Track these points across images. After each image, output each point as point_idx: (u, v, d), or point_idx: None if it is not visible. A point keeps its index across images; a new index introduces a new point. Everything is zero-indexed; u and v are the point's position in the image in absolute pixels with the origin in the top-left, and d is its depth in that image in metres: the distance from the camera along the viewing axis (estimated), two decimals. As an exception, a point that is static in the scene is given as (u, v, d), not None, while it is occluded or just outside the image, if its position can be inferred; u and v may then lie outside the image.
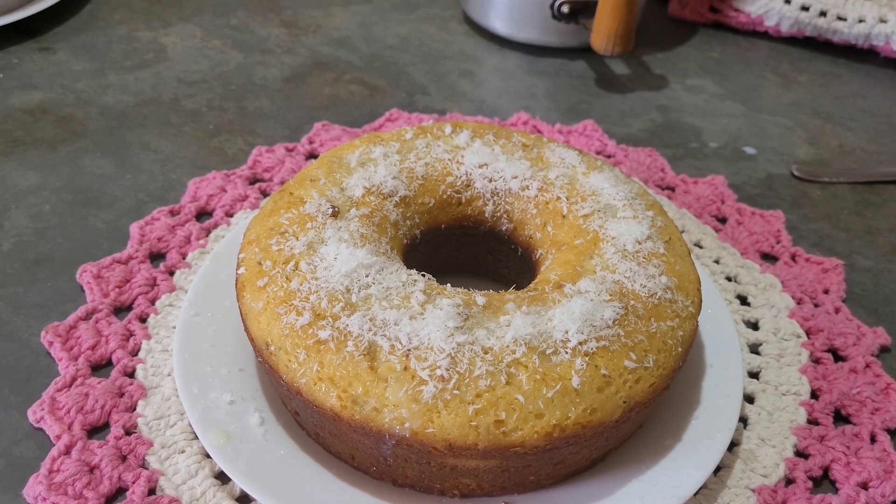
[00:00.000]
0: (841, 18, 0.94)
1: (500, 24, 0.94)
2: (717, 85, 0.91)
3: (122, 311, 0.58)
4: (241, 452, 0.46)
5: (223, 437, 0.47)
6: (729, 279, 0.64)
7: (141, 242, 0.63)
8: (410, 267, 0.50)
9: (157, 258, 0.63)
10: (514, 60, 0.93)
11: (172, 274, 0.61)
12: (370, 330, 0.44)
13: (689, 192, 0.73)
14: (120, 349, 0.55)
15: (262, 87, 0.85)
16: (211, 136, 0.77)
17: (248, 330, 0.48)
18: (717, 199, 0.72)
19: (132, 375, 0.54)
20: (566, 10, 0.88)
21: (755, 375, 0.57)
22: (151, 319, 0.57)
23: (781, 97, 0.89)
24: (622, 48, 0.84)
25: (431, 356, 0.42)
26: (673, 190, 0.74)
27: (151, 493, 0.47)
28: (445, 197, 0.55)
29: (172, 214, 0.66)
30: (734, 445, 0.52)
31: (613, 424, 0.44)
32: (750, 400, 0.55)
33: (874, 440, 0.53)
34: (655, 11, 1.04)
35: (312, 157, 0.75)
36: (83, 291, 0.59)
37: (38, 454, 0.49)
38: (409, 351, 0.43)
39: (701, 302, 0.50)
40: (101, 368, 0.54)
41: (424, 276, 0.48)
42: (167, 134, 0.77)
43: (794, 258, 0.67)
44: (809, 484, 0.50)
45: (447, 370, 0.42)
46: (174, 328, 0.56)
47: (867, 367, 0.57)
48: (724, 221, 0.71)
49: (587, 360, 0.43)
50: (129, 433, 0.50)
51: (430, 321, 0.44)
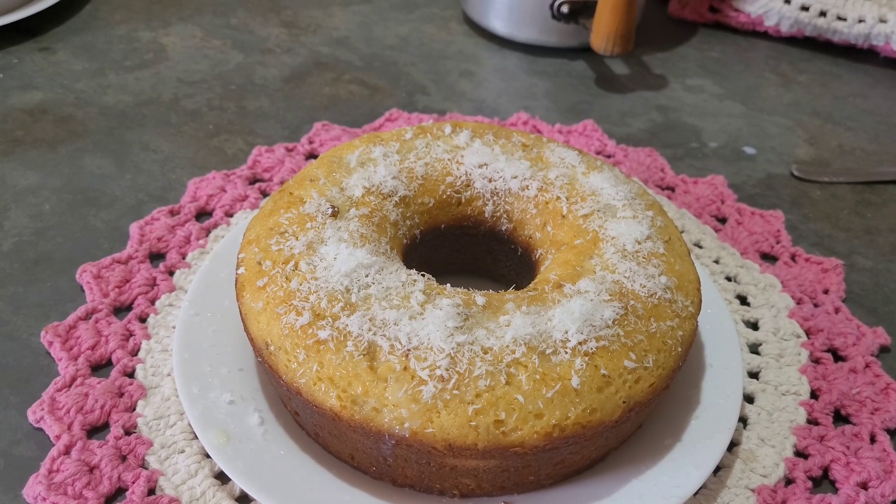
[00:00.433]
0: (841, 18, 0.94)
1: (499, 24, 0.94)
2: (716, 85, 0.91)
3: (121, 310, 0.58)
4: (240, 452, 0.46)
5: (223, 437, 0.47)
6: (729, 279, 0.64)
7: (141, 242, 0.63)
8: (410, 267, 0.50)
9: (156, 258, 0.63)
10: (513, 60, 0.93)
11: (172, 274, 0.61)
12: (370, 330, 0.44)
13: (688, 192, 0.73)
14: (120, 349, 0.55)
15: (261, 87, 0.85)
16: (211, 136, 0.77)
17: (247, 330, 0.48)
18: (716, 199, 0.72)
19: (132, 375, 0.54)
20: (566, 10, 0.88)
21: (755, 375, 0.57)
22: (151, 319, 0.57)
23: (781, 97, 0.89)
24: (622, 48, 0.84)
25: (431, 356, 0.42)
26: (673, 190, 0.74)
27: (151, 493, 0.47)
28: (445, 197, 0.55)
29: (172, 214, 0.66)
30: (734, 445, 0.52)
31: (613, 424, 0.44)
32: (750, 400, 0.55)
33: (874, 440, 0.53)
34: (655, 11, 1.04)
35: (312, 157, 0.75)
36: (83, 291, 0.59)
37: (37, 454, 0.49)
38: (408, 351, 0.43)
39: (701, 302, 0.50)
40: (100, 368, 0.54)
41: (424, 276, 0.48)
42: (167, 134, 0.77)
43: (793, 258, 0.67)
44: (809, 484, 0.50)
45: (447, 370, 0.42)
46: (174, 328, 0.56)
47: (867, 367, 0.57)
48: (723, 221, 0.71)
49: (587, 360, 0.43)
50: (128, 433, 0.50)
51: (429, 321, 0.44)
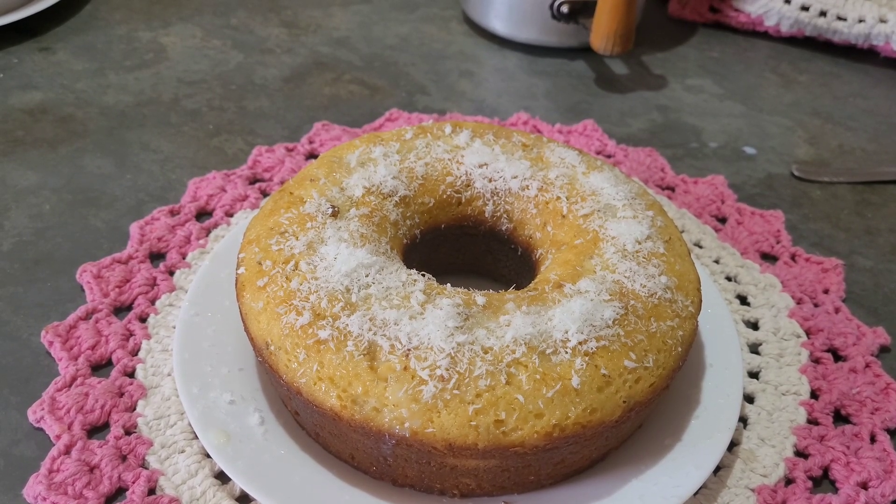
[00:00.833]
0: (841, 18, 0.94)
1: (499, 24, 0.94)
2: (716, 85, 0.91)
3: (122, 310, 0.58)
4: (240, 452, 0.46)
5: (223, 436, 0.47)
6: (729, 279, 0.64)
7: (141, 242, 0.63)
8: (410, 267, 0.50)
9: (157, 258, 0.63)
10: (513, 60, 0.93)
11: (172, 274, 0.61)
12: (370, 330, 0.44)
13: (688, 191, 0.73)
14: (120, 349, 0.55)
15: (261, 86, 0.85)
16: (211, 135, 0.77)
17: (247, 330, 0.48)
18: (716, 198, 0.72)
19: (132, 375, 0.54)
20: (566, 10, 0.88)
21: (755, 375, 0.57)
22: (151, 319, 0.57)
23: (781, 97, 0.89)
24: (622, 48, 0.84)
25: (431, 356, 0.42)
26: (673, 190, 0.74)
27: (151, 492, 0.47)
28: (445, 197, 0.55)
29: (172, 214, 0.66)
30: (734, 445, 0.52)
31: (613, 424, 0.44)
32: (750, 400, 0.55)
33: (874, 440, 0.53)
34: (655, 11, 1.04)
35: (312, 156, 0.75)
36: (83, 291, 0.59)
37: (37, 454, 0.49)
38: (408, 351, 0.43)
39: (701, 302, 0.50)
40: (100, 368, 0.54)
41: (424, 275, 0.48)
42: (167, 134, 0.77)
43: (793, 258, 0.67)
44: (809, 484, 0.50)
45: (447, 370, 0.42)
46: (174, 328, 0.56)
47: (867, 366, 0.57)
48: (723, 221, 0.71)
49: (587, 359, 0.43)
50: (128, 433, 0.50)
51: (429, 321, 0.44)
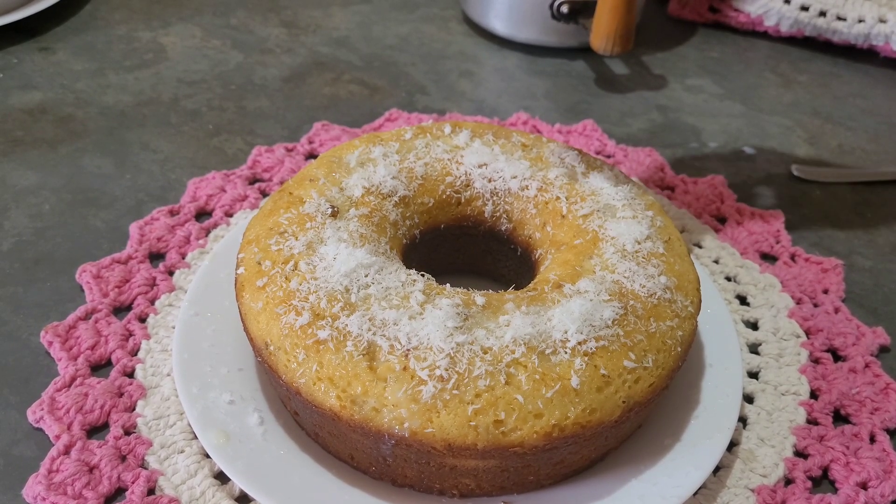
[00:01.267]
0: (840, 18, 0.94)
1: (499, 24, 0.94)
2: (716, 85, 0.91)
3: (121, 310, 0.58)
4: (240, 452, 0.46)
5: (222, 436, 0.47)
6: (728, 279, 0.64)
7: (140, 242, 0.63)
8: (410, 267, 0.50)
9: (156, 258, 0.63)
10: (513, 60, 0.93)
11: (172, 274, 0.61)
12: (369, 330, 0.44)
13: (688, 191, 0.73)
14: (119, 349, 0.55)
15: (261, 86, 0.85)
16: (210, 135, 0.77)
17: (247, 330, 0.48)
18: (716, 198, 0.72)
19: (131, 375, 0.54)
20: (565, 9, 0.88)
21: (754, 375, 0.57)
22: (151, 319, 0.57)
23: (781, 97, 0.89)
24: (621, 48, 0.83)
25: (431, 356, 0.42)
26: (672, 190, 0.74)
27: (151, 492, 0.47)
28: (445, 197, 0.55)
29: (172, 214, 0.66)
30: (733, 445, 0.52)
31: (613, 424, 0.44)
32: (749, 400, 0.55)
33: (873, 440, 0.53)
34: (655, 11, 1.04)
35: (312, 157, 0.75)
36: (83, 291, 0.59)
37: (37, 454, 0.49)
38: (408, 351, 0.43)
39: (700, 302, 0.50)
40: (100, 368, 0.54)
41: (424, 276, 0.48)
42: (167, 134, 0.77)
43: (793, 258, 0.67)
44: (809, 484, 0.50)
45: (446, 370, 0.42)
46: (174, 328, 0.56)
47: (866, 366, 0.57)
48: (723, 221, 0.70)
49: (586, 359, 0.43)
50: (128, 433, 0.50)
51: (429, 321, 0.44)
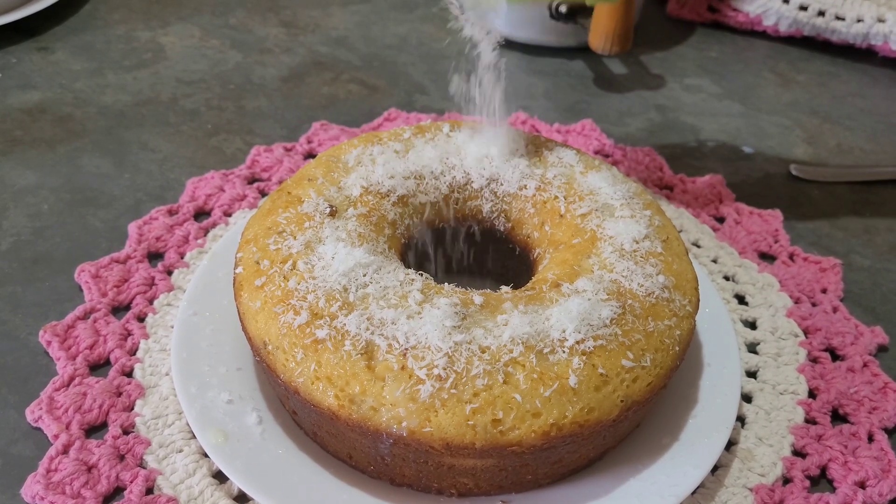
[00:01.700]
0: (839, 18, 0.94)
1: (498, 24, 0.93)
2: (715, 84, 0.91)
3: (120, 310, 0.58)
4: (238, 452, 0.46)
5: (221, 436, 0.47)
6: (727, 278, 0.64)
7: (139, 242, 0.63)
8: (408, 266, 0.50)
9: (155, 258, 0.63)
10: (512, 60, 0.93)
11: (171, 273, 0.61)
12: (368, 329, 0.44)
13: (687, 191, 0.73)
14: (118, 348, 0.55)
15: (260, 86, 0.85)
16: (209, 135, 0.77)
17: (245, 329, 0.48)
18: (715, 198, 0.72)
19: (130, 375, 0.54)
20: (564, 9, 0.88)
21: (753, 374, 0.57)
22: (149, 319, 0.57)
23: (780, 96, 0.89)
24: (620, 48, 0.84)
25: (429, 355, 0.42)
26: (671, 189, 0.74)
27: (149, 492, 0.47)
28: (443, 196, 0.55)
29: (171, 214, 0.66)
30: (732, 444, 0.52)
31: (611, 423, 0.44)
32: (748, 399, 0.55)
33: (871, 439, 0.53)
34: (654, 11, 1.04)
35: (311, 156, 0.75)
36: (81, 291, 0.59)
37: (36, 453, 0.49)
38: (406, 350, 0.43)
39: (698, 301, 0.50)
40: (99, 368, 0.54)
41: (422, 275, 0.48)
42: (165, 133, 0.77)
43: (791, 257, 0.67)
44: (807, 483, 0.50)
45: (444, 369, 0.42)
46: (172, 327, 0.56)
47: (865, 366, 0.57)
48: (722, 221, 0.71)
49: (584, 359, 0.43)
50: (126, 432, 0.50)
51: (427, 320, 0.44)
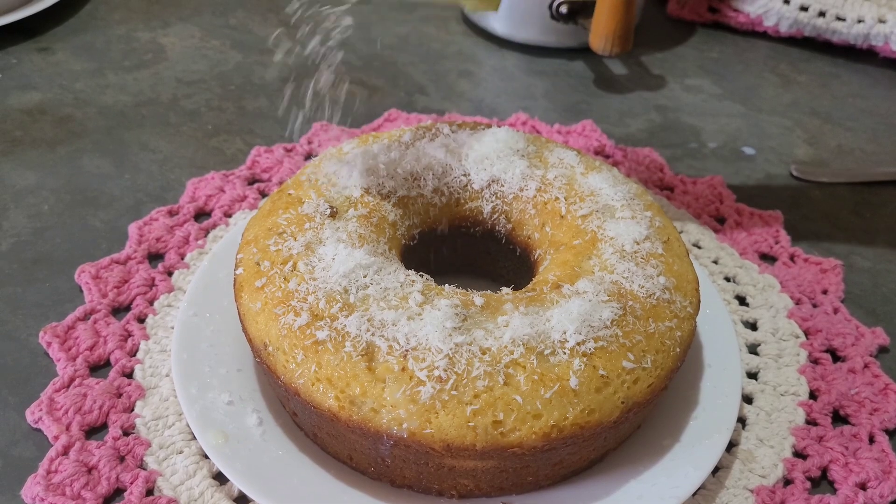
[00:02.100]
0: (840, 19, 0.94)
1: (498, 24, 0.94)
2: (715, 85, 0.91)
3: (120, 311, 0.58)
4: (239, 453, 0.46)
5: (221, 437, 0.47)
6: (727, 279, 0.64)
7: (139, 243, 0.63)
8: (409, 267, 0.50)
9: (155, 258, 0.63)
10: (512, 60, 0.93)
11: (171, 274, 0.61)
12: (368, 330, 0.44)
13: (687, 192, 0.73)
14: (118, 350, 0.55)
15: (260, 87, 0.85)
16: (210, 136, 0.77)
17: (246, 330, 0.48)
18: (715, 199, 0.72)
19: (130, 376, 0.54)
20: (565, 10, 0.88)
21: (753, 376, 0.57)
22: (150, 320, 0.57)
23: (780, 97, 0.89)
24: (621, 48, 0.83)
25: (429, 357, 0.42)
26: (672, 190, 0.74)
27: (149, 493, 0.47)
28: (444, 197, 0.55)
29: (171, 215, 0.66)
30: (732, 446, 0.52)
31: (611, 425, 0.44)
32: (748, 400, 0.55)
33: (872, 440, 0.53)
34: (654, 11, 1.04)
35: (311, 157, 0.75)
36: (81, 292, 0.59)
37: (36, 455, 0.49)
38: (406, 351, 0.43)
39: (699, 302, 0.50)
40: (99, 369, 0.54)
41: (422, 276, 0.48)
42: (166, 134, 0.77)
43: (792, 258, 0.67)
44: (808, 484, 0.50)
45: (445, 371, 0.42)
46: (172, 328, 0.56)
47: (866, 367, 0.57)
48: (722, 222, 0.70)
49: (585, 360, 0.43)
50: (127, 434, 0.50)
51: (427, 322, 0.44)
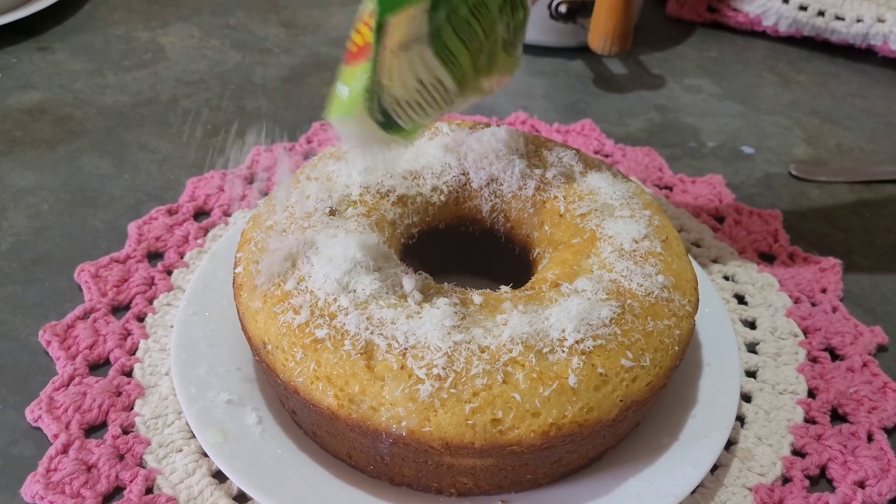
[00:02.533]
0: (839, 18, 0.94)
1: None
2: (715, 84, 0.91)
3: (119, 310, 0.58)
4: (238, 451, 0.46)
5: (220, 435, 0.47)
6: (726, 278, 0.64)
7: (139, 242, 0.63)
8: (408, 266, 0.49)
9: (154, 258, 0.63)
10: (512, 60, 0.93)
11: (170, 273, 0.61)
12: (367, 329, 0.44)
13: (686, 191, 0.73)
14: (118, 348, 0.55)
15: (260, 86, 0.85)
16: (209, 135, 0.77)
17: (245, 329, 0.48)
18: (714, 198, 0.72)
19: (130, 375, 0.54)
20: (564, 9, 0.88)
21: (752, 374, 0.57)
22: (149, 319, 0.57)
23: (779, 97, 0.89)
24: (620, 48, 0.84)
25: (428, 355, 0.42)
26: (671, 189, 0.74)
27: (149, 491, 0.47)
28: (443, 196, 0.55)
29: (170, 214, 0.66)
30: (731, 444, 0.52)
31: (610, 423, 0.44)
32: (747, 399, 0.55)
33: (871, 439, 0.53)
34: (653, 11, 1.04)
35: (310, 156, 0.75)
36: (81, 291, 0.59)
37: (35, 453, 0.49)
38: (405, 350, 0.43)
39: (698, 301, 0.50)
40: (98, 368, 0.54)
41: (421, 275, 0.48)
42: (165, 134, 0.77)
43: (791, 257, 0.67)
44: (806, 483, 0.50)
45: (444, 369, 0.42)
46: (172, 327, 0.56)
47: (864, 365, 0.57)
48: (721, 221, 0.71)
49: (584, 358, 0.43)
50: (126, 432, 0.50)
51: (426, 320, 0.44)
